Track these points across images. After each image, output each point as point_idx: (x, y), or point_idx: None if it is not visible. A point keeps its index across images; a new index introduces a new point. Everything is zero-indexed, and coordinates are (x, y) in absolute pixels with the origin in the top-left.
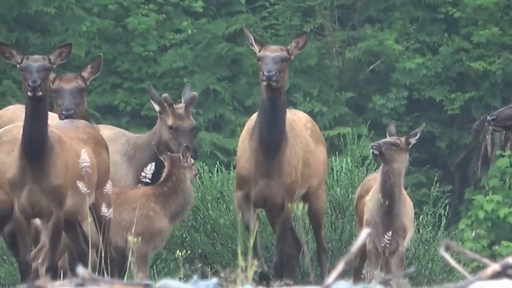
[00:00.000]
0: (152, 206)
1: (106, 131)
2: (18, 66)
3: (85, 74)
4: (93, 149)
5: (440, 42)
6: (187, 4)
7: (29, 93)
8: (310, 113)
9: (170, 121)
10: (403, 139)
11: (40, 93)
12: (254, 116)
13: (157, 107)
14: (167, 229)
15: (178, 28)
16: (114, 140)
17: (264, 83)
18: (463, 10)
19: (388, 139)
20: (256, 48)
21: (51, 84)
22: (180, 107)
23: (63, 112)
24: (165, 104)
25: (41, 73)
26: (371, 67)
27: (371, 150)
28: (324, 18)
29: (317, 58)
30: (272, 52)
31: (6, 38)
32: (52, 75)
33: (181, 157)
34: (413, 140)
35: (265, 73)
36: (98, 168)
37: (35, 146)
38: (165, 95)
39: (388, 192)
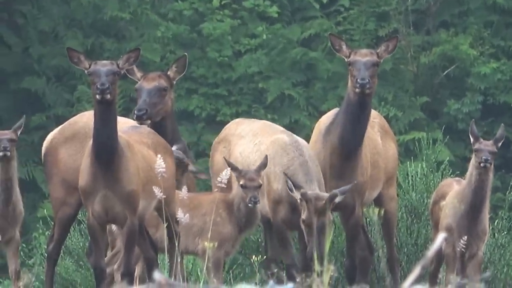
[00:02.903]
0: (220, 212)
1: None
2: (86, 71)
3: (170, 73)
4: (156, 154)
5: None
6: (262, 9)
7: (97, 96)
8: (385, 118)
9: (304, 216)
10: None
11: (109, 96)
12: (325, 118)
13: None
14: (236, 237)
15: (253, 33)
16: (283, 152)
17: (357, 90)
18: None
19: (490, 148)
20: (346, 52)
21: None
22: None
23: (135, 112)
24: (302, 200)
25: (110, 77)
26: (446, 72)
27: (482, 164)
28: (398, 23)
29: (392, 63)
30: (363, 56)
31: (82, 44)
32: (139, 74)
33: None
34: (499, 144)
35: (358, 80)
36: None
37: (106, 151)
38: (303, 191)
39: (480, 197)
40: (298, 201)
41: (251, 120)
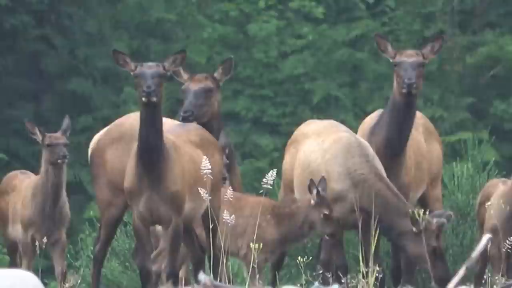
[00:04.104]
0: (268, 219)
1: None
2: (132, 73)
3: (217, 75)
4: (205, 151)
5: None
6: (307, 10)
7: (143, 99)
8: (431, 119)
9: (436, 242)
10: None
11: (155, 99)
12: (369, 119)
13: None
14: (279, 248)
15: (299, 34)
16: (347, 152)
17: (404, 90)
18: None
19: None
20: (391, 53)
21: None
22: None
23: (181, 113)
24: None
25: (156, 79)
26: (492, 72)
27: None
28: (444, 24)
29: (437, 64)
30: (409, 57)
31: (128, 46)
32: (186, 76)
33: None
34: None
35: (405, 80)
36: (211, 170)
37: (151, 153)
38: None
39: None
40: (416, 229)
41: (320, 120)
